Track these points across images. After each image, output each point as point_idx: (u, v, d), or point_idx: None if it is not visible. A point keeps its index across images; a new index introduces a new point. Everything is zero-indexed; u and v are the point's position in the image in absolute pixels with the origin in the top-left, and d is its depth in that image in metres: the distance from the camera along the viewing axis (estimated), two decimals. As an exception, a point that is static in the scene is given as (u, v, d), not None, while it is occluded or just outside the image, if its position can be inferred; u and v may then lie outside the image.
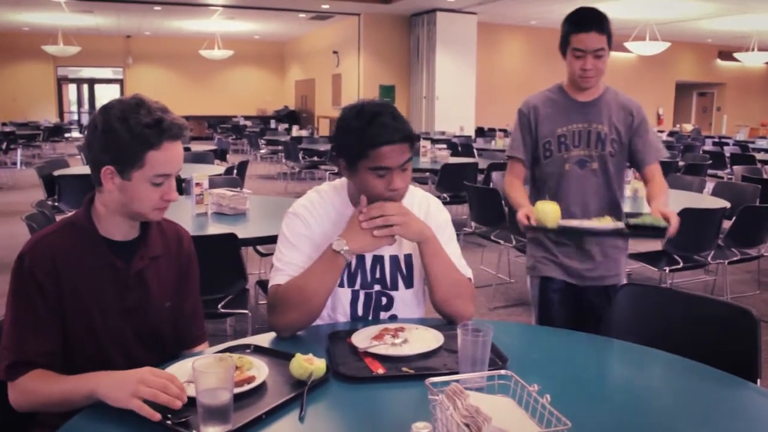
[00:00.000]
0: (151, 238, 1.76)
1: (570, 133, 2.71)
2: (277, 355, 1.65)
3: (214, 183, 4.49)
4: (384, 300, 2.01)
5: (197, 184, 3.76)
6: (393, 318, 2.02)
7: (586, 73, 2.60)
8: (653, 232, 2.36)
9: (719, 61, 23.51)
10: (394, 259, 2.00)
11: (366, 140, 1.78)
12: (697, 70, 23.39)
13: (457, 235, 6.20)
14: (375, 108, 1.82)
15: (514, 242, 4.73)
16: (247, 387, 1.47)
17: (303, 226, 1.95)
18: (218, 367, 1.35)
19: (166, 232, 1.83)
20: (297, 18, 18.03)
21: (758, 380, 1.87)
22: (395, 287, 2.01)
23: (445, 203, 6.72)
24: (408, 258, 2.02)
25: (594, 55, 2.57)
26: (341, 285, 1.96)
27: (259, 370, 1.55)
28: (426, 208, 2.07)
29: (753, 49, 18.34)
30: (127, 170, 1.61)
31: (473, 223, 5.25)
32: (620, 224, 2.45)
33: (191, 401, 1.37)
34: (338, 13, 17.05)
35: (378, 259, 1.99)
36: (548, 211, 2.40)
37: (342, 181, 2.03)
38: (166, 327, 1.80)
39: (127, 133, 1.57)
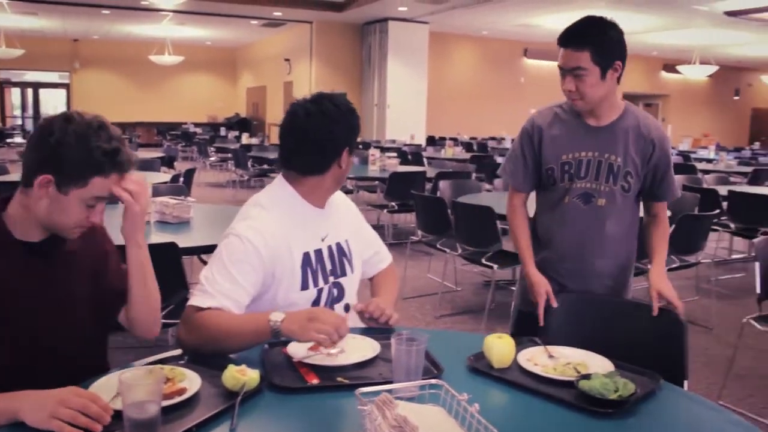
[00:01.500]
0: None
1: (576, 161, 2.33)
2: (211, 366, 1.63)
3: (158, 191, 4.43)
4: (336, 291, 2.02)
5: (140, 192, 3.70)
6: (347, 308, 2.04)
7: (570, 94, 2.27)
8: (601, 405, 1.50)
9: (664, 74, 24.14)
10: (339, 245, 2.05)
11: (356, 128, 1.98)
12: (643, 81, 23.94)
13: (404, 243, 6.22)
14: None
15: (459, 251, 4.77)
16: (177, 399, 1.45)
17: (244, 252, 1.83)
18: (146, 379, 1.33)
19: None
20: (249, 25, 17.94)
21: (685, 382, 1.92)
22: (344, 273, 2.04)
23: (392, 212, 6.89)
24: (347, 243, 2.08)
25: (572, 75, 2.22)
26: (305, 287, 1.93)
27: (192, 381, 1.53)
28: (346, 201, 2.22)
29: (695, 63, 18.88)
30: (67, 186, 1.58)
31: (420, 232, 5.27)
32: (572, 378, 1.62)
33: (120, 414, 1.34)
34: (290, 20, 17.02)
35: (330, 249, 2.02)
36: (494, 349, 1.72)
37: (275, 184, 2.02)
38: (88, 318, 1.76)
39: (83, 153, 1.55)
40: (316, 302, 1.96)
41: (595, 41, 2.17)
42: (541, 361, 1.75)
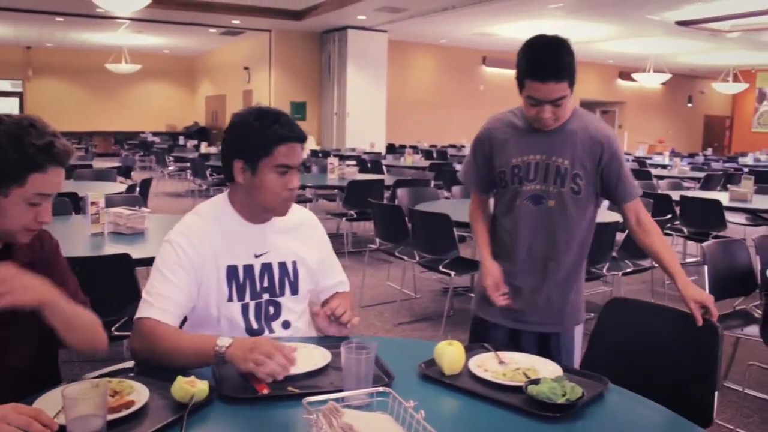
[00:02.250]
0: (17, 245, 1.70)
1: (525, 164, 2.36)
2: (161, 378, 1.61)
3: (113, 201, 4.37)
4: (272, 309, 2.02)
5: (93, 203, 3.65)
6: (286, 324, 2.03)
7: (545, 121, 2.26)
8: (549, 409, 1.52)
9: (620, 81, 24.59)
10: (282, 265, 2.04)
11: (271, 138, 1.87)
12: (599, 89, 24.35)
13: (363, 251, 6.23)
14: (274, 110, 1.95)
15: (417, 258, 4.79)
16: (125, 412, 1.43)
17: (176, 255, 1.90)
18: (90, 393, 1.31)
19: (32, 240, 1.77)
20: (207, 33, 17.82)
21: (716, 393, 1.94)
22: (282, 293, 2.03)
23: (351, 220, 6.89)
24: (294, 265, 2.06)
25: (553, 104, 2.22)
26: (230, 300, 1.96)
27: (140, 394, 1.52)
28: (316, 229, 2.19)
29: (649, 70, 19.28)
30: (7, 187, 1.56)
31: (378, 240, 5.28)
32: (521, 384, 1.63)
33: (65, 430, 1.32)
34: (249, 29, 16.95)
35: (266, 267, 2.01)
36: (444, 356, 1.72)
37: (219, 196, 2.05)
38: (42, 334, 1.73)
39: (16, 152, 1.54)
40: (245, 316, 1.98)
41: (571, 68, 2.18)
42: (491, 367, 1.76)
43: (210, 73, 22.87)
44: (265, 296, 2.00)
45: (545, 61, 2.18)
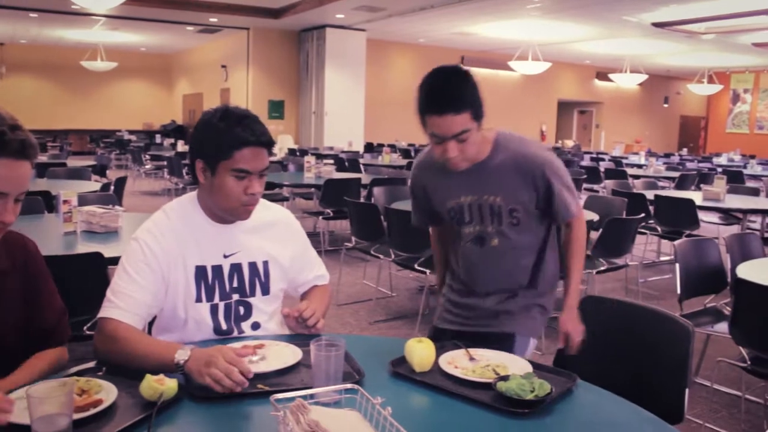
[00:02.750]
0: None
1: (458, 207, 2.24)
2: (129, 377, 1.60)
3: (86, 200, 4.33)
4: (242, 309, 2.00)
5: (65, 201, 3.62)
6: (255, 326, 2.02)
7: (452, 161, 2.08)
8: (517, 405, 1.53)
9: (597, 81, 24.78)
10: (253, 266, 2.02)
11: (231, 140, 1.82)
12: (577, 89, 24.54)
13: (339, 250, 6.20)
14: (240, 111, 1.88)
15: (393, 256, 4.80)
16: (93, 411, 1.42)
17: (142, 253, 1.88)
18: (55, 392, 1.30)
19: (10, 245, 1.74)
20: (184, 31, 17.70)
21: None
22: (253, 293, 2.01)
23: (327, 218, 6.88)
24: (265, 265, 2.04)
25: (455, 140, 2.02)
26: (199, 300, 1.94)
27: (108, 392, 1.51)
28: (291, 226, 2.16)
29: (626, 71, 19.47)
30: None
31: (354, 238, 5.28)
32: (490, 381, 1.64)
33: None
34: (226, 26, 16.86)
35: (236, 267, 1.99)
36: (414, 353, 1.73)
37: (189, 194, 2.03)
38: (15, 344, 1.71)
39: None
40: (214, 317, 1.96)
41: (473, 98, 2.01)
42: (461, 363, 1.77)
43: (187, 71, 22.72)
44: (235, 297, 1.99)
45: (441, 92, 2.00)
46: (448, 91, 2.00)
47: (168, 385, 1.49)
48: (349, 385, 1.40)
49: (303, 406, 1.23)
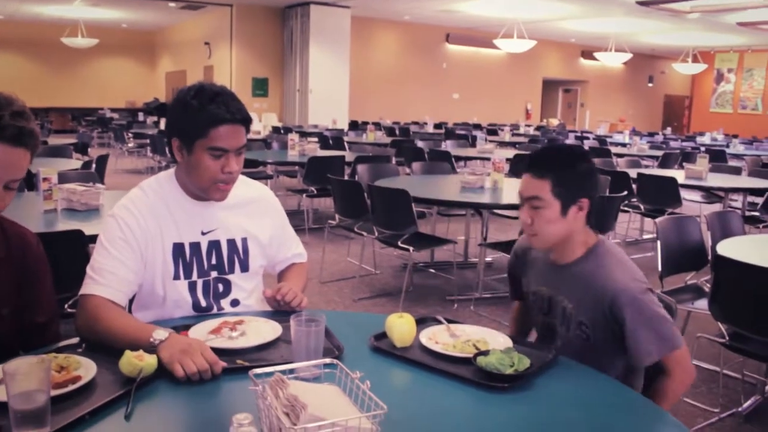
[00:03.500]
0: None
1: (539, 294, 2.11)
2: (109, 353, 1.60)
3: (67, 178, 4.29)
4: (221, 286, 2.00)
5: (45, 179, 3.58)
6: (235, 303, 2.02)
7: (526, 228, 2.00)
8: (497, 380, 1.54)
9: (582, 60, 24.79)
10: (231, 243, 2.01)
11: (206, 119, 1.79)
12: (562, 67, 24.54)
13: (322, 228, 6.20)
14: (215, 88, 1.85)
15: (376, 234, 4.80)
16: (72, 387, 1.42)
17: (119, 230, 1.87)
18: (33, 368, 1.29)
19: (8, 234, 1.73)
20: (167, 7, 17.49)
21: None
22: (232, 270, 2.01)
23: (311, 196, 6.85)
24: (244, 242, 2.03)
25: (529, 205, 1.95)
26: (177, 278, 1.93)
27: (87, 369, 1.50)
28: (270, 203, 2.16)
29: (611, 50, 19.44)
30: None
31: (338, 216, 5.27)
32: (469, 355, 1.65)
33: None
34: (210, 3, 16.68)
35: (214, 244, 1.98)
36: (395, 329, 1.73)
37: (167, 171, 2.02)
38: (10, 334, 1.71)
39: None
40: (193, 294, 1.95)
41: (558, 171, 1.89)
42: (442, 339, 1.78)
43: (170, 48, 22.49)
44: (214, 274, 1.98)
45: (536, 153, 2.00)
46: (541, 154, 1.99)
47: (147, 361, 1.49)
48: (328, 360, 1.41)
49: (282, 381, 1.23)
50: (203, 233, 1.96)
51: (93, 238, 3.07)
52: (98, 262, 1.84)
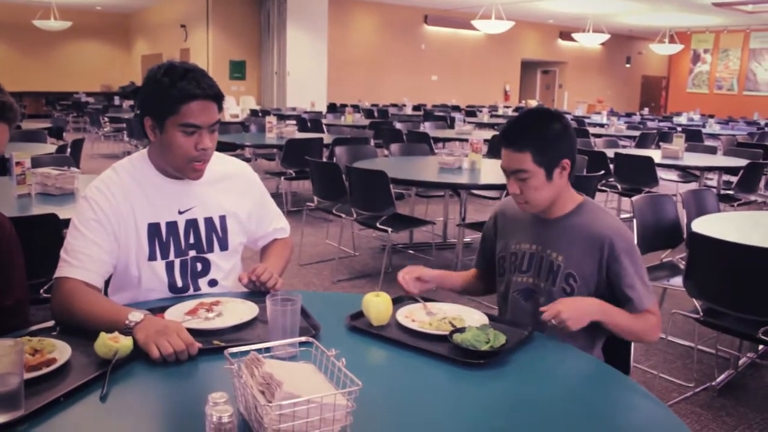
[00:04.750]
0: None
1: (521, 253, 2.12)
2: (84, 336, 1.59)
3: (41, 162, 4.24)
4: (200, 265, 1.99)
5: (18, 164, 3.55)
6: (213, 282, 2.01)
7: (515, 197, 2.03)
8: (473, 356, 1.55)
9: (560, 41, 24.82)
10: (209, 221, 2.00)
11: (176, 95, 1.78)
12: (540, 49, 24.55)
13: (301, 210, 6.18)
14: (186, 66, 1.85)
15: (355, 216, 4.79)
16: (46, 370, 1.41)
17: (92, 211, 1.85)
18: (5, 351, 1.28)
19: None
20: (141, -11, 17.26)
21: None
22: (210, 249, 2.00)
23: (290, 179, 6.83)
24: (222, 219, 2.02)
25: (515, 177, 1.97)
26: (153, 258, 1.92)
27: (62, 351, 1.49)
28: (249, 179, 2.15)
29: (589, 31, 19.50)
30: None
31: (316, 198, 5.26)
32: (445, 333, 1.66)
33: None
34: (185, -16, 16.48)
35: (191, 223, 1.97)
36: (371, 307, 1.74)
37: (140, 151, 2.00)
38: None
39: None
40: (170, 274, 1.94)
41: (536, 140, 1.92)
42: (418, 317, 1.79)
43: (146, 31, 22.19)
44: (192, 253, 1.97)
45: (508, 126, 1.99)
46: (514, 126, 1.97)
47: (123, 342, 1.48)
48: (303, 339, 1.41)
49: (257, 359, 1.23)
50: (180, 212, 1.95)
51: (68, 223, 3.05)
52: (71, 244, 1.83)
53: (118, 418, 1.32)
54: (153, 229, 1.91)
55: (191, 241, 1.97)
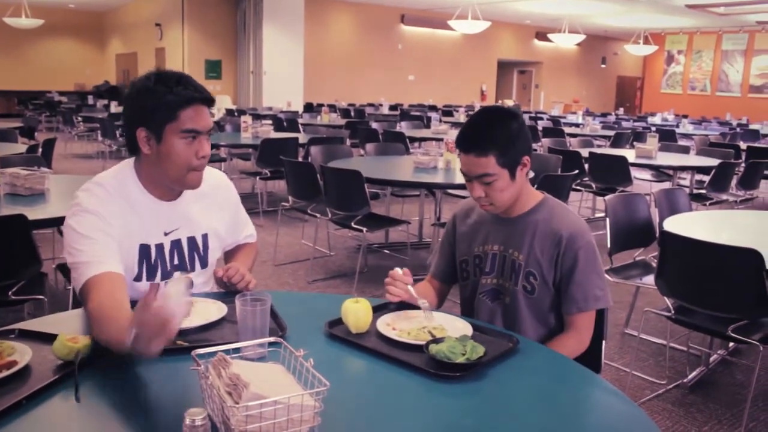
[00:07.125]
0: None
1: (483, 255, 2.11)
2: (44, 339, 1.56)
3: (10, 162, 4.18)
4: None
5: (-15, 163, 3.49)
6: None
7: (479, 200, 2.03)
8: (446, 368, 1.48)
9: (536, 42, 24.97)
10: (192, 240, 1.97)
11: (174, 101, 1.74)
12: (517, 49, 24.68)
13: (276, 210, 6.15)
14: (175, 72, 1.81)
15: (330, 215, 4.77)
16: (6, 372, 1.38)
17: (101, 223, 1.76)
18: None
19: None
20: (115, -13, 17.09)
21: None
22: (192, 268, 1.98)
23: (265, 179, 6.80)
24: (204, 238, 2.00)
25: (479, 181, 1.97)
26: (139, 279, 1.87)
27: (22, 354, 1.46)
28: (226, 189, 2.12)
29: (565, 31, 19.63)
30: None
31: (291, 198, 5.23)
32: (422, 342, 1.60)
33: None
34: (159, -17, 16.34)
35: (176, 244, 1.93)
36: (350, 314, 1.69)
37: (122, 167, 1.92)
38: None
39: None
40: None
41: (498, 143, 1.91)
42: (399, 325, 1.74)
43: (120, 29, 21.96)
44: (176, 274, 1.93)
45: (467, 131, 1.97)
46: (479, 130, 1.95)
47: (83, 342, 1.46)
48: (272, 339, 1.39)
49: (224, 360, 1.22)
50: (165, 233, 1.91)
51: (37, 223, 3.03)
52: (78, 251, 1.72)
53: (90, 419, 1.31)
54: (144, 250, 1.86)
55: (176, 262, 1.93)
